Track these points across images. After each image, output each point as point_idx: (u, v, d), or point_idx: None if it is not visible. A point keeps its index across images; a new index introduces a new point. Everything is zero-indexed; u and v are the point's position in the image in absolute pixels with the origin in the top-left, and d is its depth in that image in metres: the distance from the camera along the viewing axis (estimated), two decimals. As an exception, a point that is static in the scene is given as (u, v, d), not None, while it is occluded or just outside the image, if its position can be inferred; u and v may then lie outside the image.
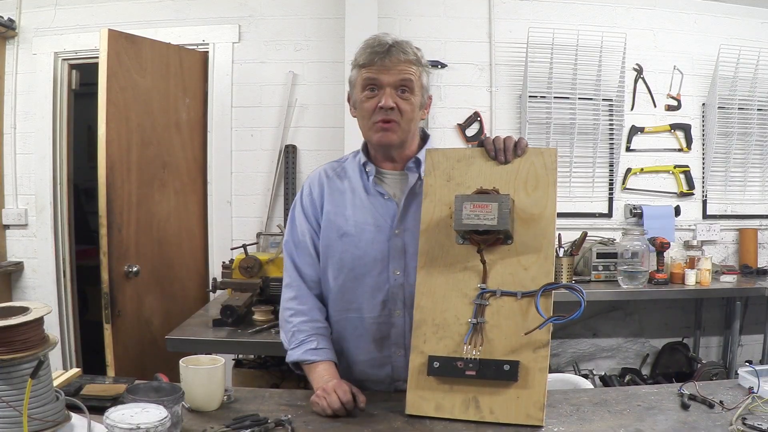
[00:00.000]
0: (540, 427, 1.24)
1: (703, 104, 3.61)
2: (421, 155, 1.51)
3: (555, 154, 1.38)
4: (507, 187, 1.37)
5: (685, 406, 1.37)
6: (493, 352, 1.29)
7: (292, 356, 1.49)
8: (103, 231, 2.68)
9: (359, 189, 1.54)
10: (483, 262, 1.34)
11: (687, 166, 3.61)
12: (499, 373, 1.27)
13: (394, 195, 1.52)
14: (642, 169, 3.58)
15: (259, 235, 3.30)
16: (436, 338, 1.34)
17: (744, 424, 1.25)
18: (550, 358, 1.31)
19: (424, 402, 1.32)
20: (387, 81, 1.44)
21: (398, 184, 1.53)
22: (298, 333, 1.50)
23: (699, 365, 3.35)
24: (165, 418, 1.06)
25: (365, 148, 1.57)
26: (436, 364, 1.30)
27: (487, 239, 1.34)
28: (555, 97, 3.44)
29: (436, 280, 1.37)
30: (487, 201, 1.31)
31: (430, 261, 1.38)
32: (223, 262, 2.85)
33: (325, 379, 1.41)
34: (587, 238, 3.21)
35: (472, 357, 1.30)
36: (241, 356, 2.61)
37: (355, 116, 1.55)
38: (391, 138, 1.47)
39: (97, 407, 1.24)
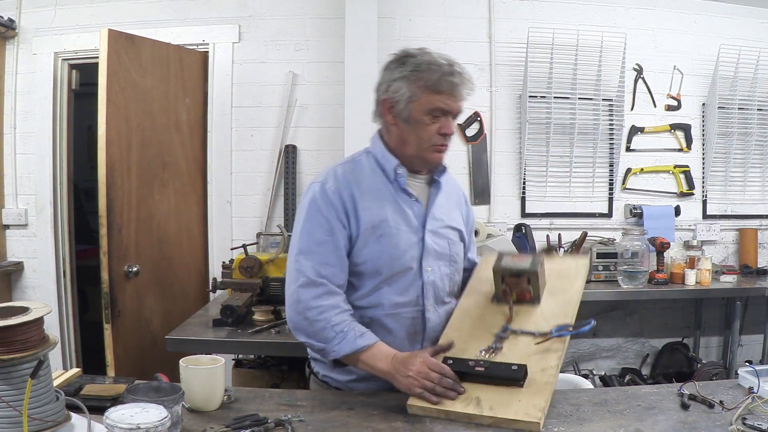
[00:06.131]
0: (537, 424, 1.24)
1: (703, 104, 3.61)
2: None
3: (587, 265, 1.68)
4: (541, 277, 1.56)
5: (685, 406, 1.37)
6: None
7: (341, 350, 1.43)
8: (103, 231, 2.68)
9: (388, 190, 1.56)
10: (510, 308, 1.49)
11: (687, 166, 3.62)
12: (507, 371, 1.33)
13: (419, 197, 1.58)
14: (642, 169, 3.58)
15: (259, 235, 3.30)
16: (453, 352, 1.45)
17: (744, 424, 1.25)
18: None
19: None
20: (454, 110, 1.51)
21: (421, 186, 1.61)
22: (335, 326, 1.44)
23: (699, 365, 3.35)
24: (165, 418, 1.06)
25: (389, 151, 1.57)
26: (450, 362, 1.38)
27: (520, 285, 1.51)
28: (555, 97, 3.44)
29: (466, 323, 1.52)
30: (524, 254, 1.60)
31: (465, 312, 1.57)
32: (223, 262, 2.85)
33: (392, 352, 1.44)
34: (587, 238, 3.21)
35: (484, 359, 1.39)
36: (241, 356, 2.61)
37: (392, 124, 1.54)
38: (443, 158, 1.57)
39: (97, 407, 1.23)
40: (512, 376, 1.31)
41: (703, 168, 3.63)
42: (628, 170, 3.58)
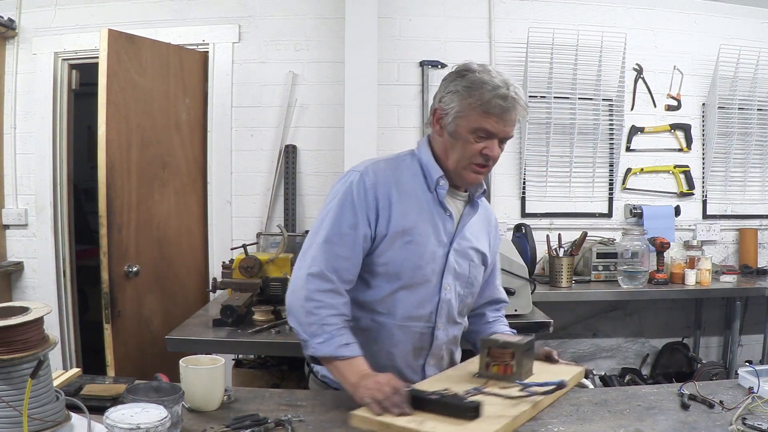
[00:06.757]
0: None
1: (703, 104, 3.61)
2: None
3: (582, 372, 1.61)
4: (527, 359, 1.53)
5: (685, 406, 1.37)
6: None
7: (321, 350, 1.41)
8: (103, 231, 2.68)
9: (425, 198, 1.54)
10: (488, 377, 1.47)
11: (687, 166, 3.62)
12: (460, 401, 1.27)
13: (453, 213, 1.57)
14: (642, 169, 3.58)
15: (259, 235, 3.30)
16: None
17: (744, 424, 1.25)
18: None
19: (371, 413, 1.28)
20: (501, 134, 1.47)
21: (458, 203, 1.60)
22: (326, 326, 1.42)
23: (699, 365, 3.35)
24: (165, 418, 1.06)
25: (435, 160, 1.56)
26: (408, 388, 1.31)
27: (503, 358, 1.47)
28: (555, 97, 3.44)
29: (442, 380, 1.46)
30: (517, 335, 1.61)
31: (445, 376, 1.54)
32: (223, 262, 2.85)
33: (366, 370, 1.38)
34: (587, 238, 3.21)
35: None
36: (241, 356, 2.61)
37: (439, 134, 1.53)
38: (481, 179, 1.55)
39: (97, 407, 1.23)
40: (463, 407, 1.25)
41: (703, 168, 3.63)
42: (628, 170, 3.58)
